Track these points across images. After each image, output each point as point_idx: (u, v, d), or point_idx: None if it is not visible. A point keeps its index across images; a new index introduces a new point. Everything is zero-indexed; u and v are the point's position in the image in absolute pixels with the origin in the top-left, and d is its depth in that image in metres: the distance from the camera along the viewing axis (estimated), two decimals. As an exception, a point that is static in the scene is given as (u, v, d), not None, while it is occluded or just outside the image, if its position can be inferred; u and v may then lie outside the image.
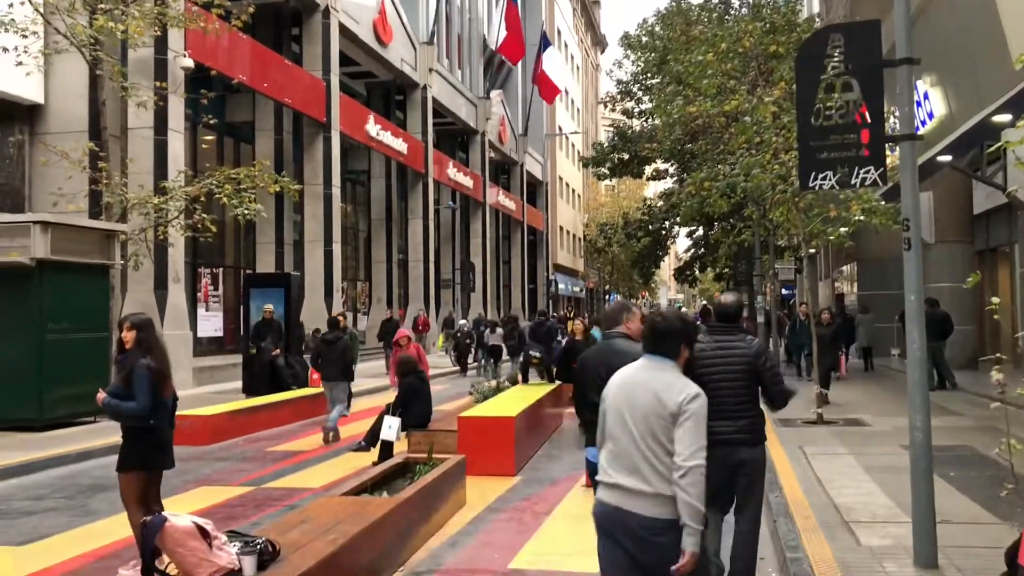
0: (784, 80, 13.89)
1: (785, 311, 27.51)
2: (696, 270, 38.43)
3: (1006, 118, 9.88)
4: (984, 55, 10.45)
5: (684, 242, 49.94)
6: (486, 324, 23.63)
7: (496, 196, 42.76)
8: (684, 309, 59.73)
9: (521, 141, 47.44)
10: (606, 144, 33.65)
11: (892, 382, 16.92)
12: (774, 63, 14.89)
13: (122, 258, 14.30)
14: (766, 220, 19.38)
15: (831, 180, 6.13)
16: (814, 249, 27.32)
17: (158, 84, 15.65)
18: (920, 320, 5.63)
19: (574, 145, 64.67)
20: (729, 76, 14.68)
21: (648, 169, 32.90)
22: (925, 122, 13.16)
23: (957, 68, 11.79)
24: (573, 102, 64.76)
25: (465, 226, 40.51)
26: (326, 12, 23.52)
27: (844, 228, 13.67)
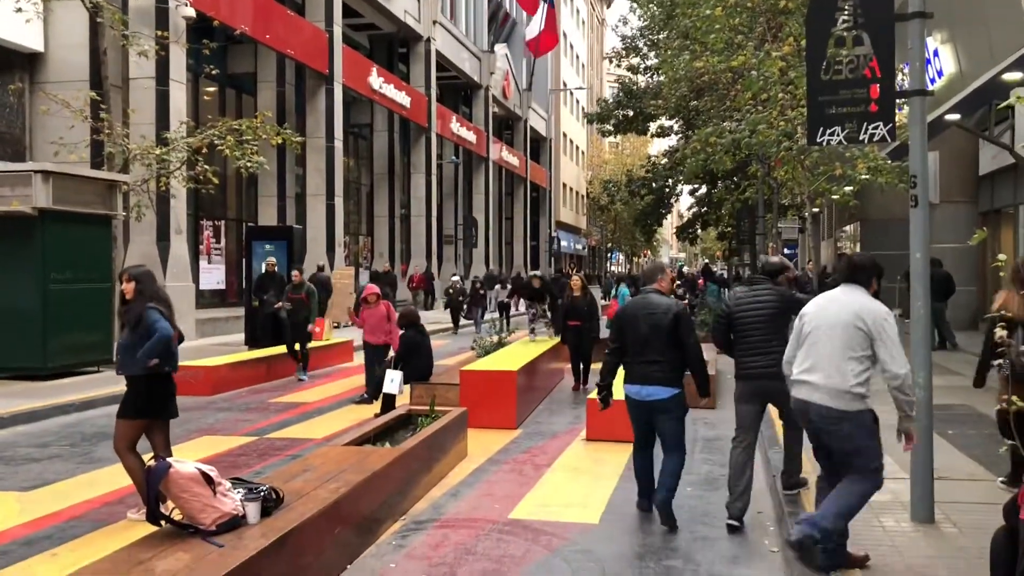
0: (793, 36, 13.73)
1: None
2: (698, 228, 38.29)
3: (1017, 76, 9.77)
4: (997, 11, 10.29)
5: (687, 200, 49.73)
6: (498, 280, 23.72)
7: (499, 152, 42.50)
8: (686, 268, 59.68)
9: (525, 96, 47.01)
10: (611, 100, 33.33)
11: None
12: (783, 18, 14.68)
13: (124, 209, 14.26)
14: (770, 178, 19.29)
15: (839, 135, 6.07)
16: (818, 208, 27.23)
17: (159, 33, 15.47)
18: (925, 278, 5.62)
19: (579, 101, 64.13)
20: (737, 31, 14.50)
21: (653, 126, 32.62)
22: (934, 79, 13.01)
23: (969, 25, 11.62)
24: (578, 57, 64.06)
25: (468, 182, 40.32)
26: (328, -39, 23.18)
27: (849, 187, 13.60)
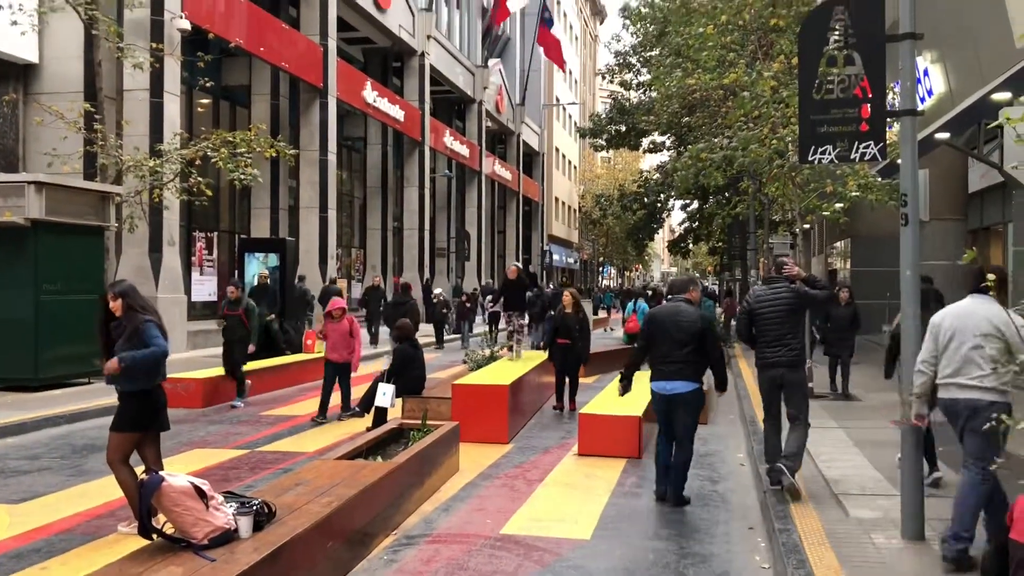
0: (784, 54, 13.83)
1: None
2: (690, 243, 38.43)
3: (1006, 96, 9.87)
4: (986, 32, 10.41)
5: (678, 215, 49.94)
6: (490, 291, 23.64)
7: (492, 166, 42.61)
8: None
9: (518, 111, 47.19)
10: (603, 116, 33.49)
11: (883, 358, 16.98)
12: (774, 36, 14.80)
13: (117, 220, 14.25)
14: (761, 194, 19.38)
15: (831, 154, 6.14)
16: (808, 224, 27.35)
17: (154, 46, 15.50)
18: (915, 296, 5.67)
19: (571, 116, 64.37)
20: (728, 49, 14.60)
21: (645, 141, 32.80)
22: (924, 99, 13.13)
23: (958, 45, 11.74)
24: (571, 73, 64.35)
25: (461, 195, 40.39)
26: (324, -25, 23.29)
27: (839, 204, 13.67)
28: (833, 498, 6.54)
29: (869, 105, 6.01)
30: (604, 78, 33.95)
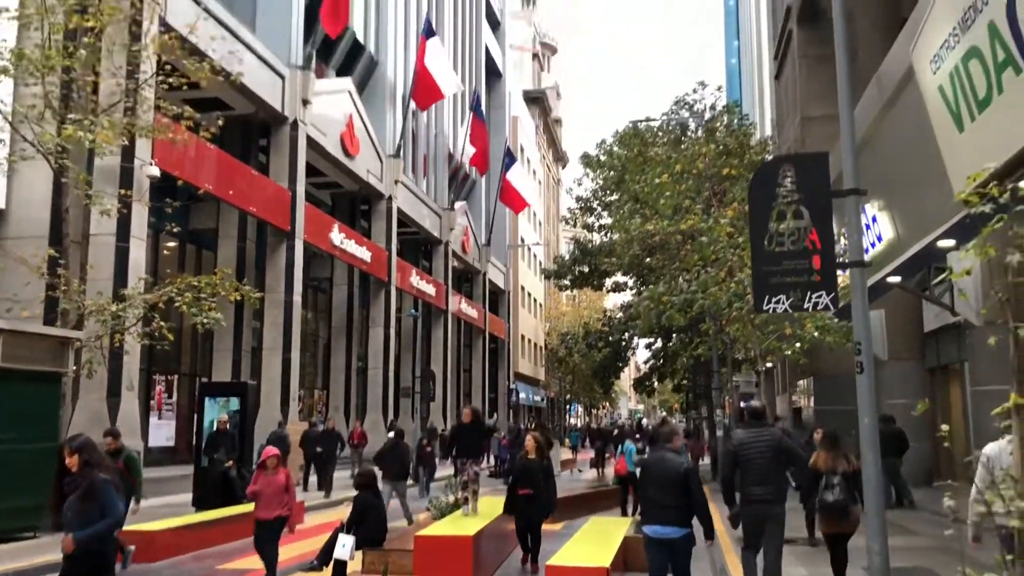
0: (737, 201, 14.40)
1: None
2: (655, 381, 38.54)
3: (950, 243, 10.26)
4: (928, 183, 10.93)
5: (644, 353, 50.26)
6: (435, 435, 23.15)
7: (458, 304, 42.95)
8: (644, 420, 59.55)
9: (484, 251, 48.03)
10: (567, 257, 34.20)
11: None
12: (727, 184, 15.44)
13: (76, 365, 14.04)
14: (723, 334, 19.68)
15: (784, 304, 6.30)
16: (771, 363, 27.63)
17: (123, 192, 15.72)
18: (875, 443, 5.72)
19: (536, 256, 65.57)
20: (684, 196, 15.16)
21: (608, 282, 33.39)
22: (874, 244, 13.60)
23: (902, 195, 12.29)
24: (535, 215, 66.01)
25: (426, 334, 40.47)
26: (294, 125, 24.02)
27: (798, 344, 13.92)
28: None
29: (819, 256, 6.23)
30: (567, 223, 34.87)
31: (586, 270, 32.60)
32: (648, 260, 23.97)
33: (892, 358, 19.51)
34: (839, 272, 6.44)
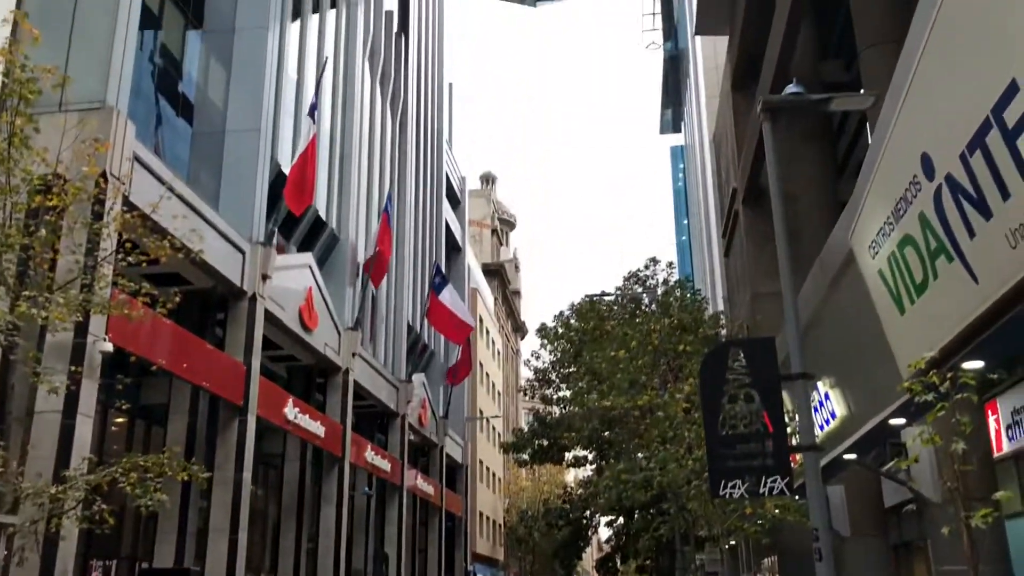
0: (693, 376, 14.55)
1: None
2: (618, 561, 37.48)
3: (901, 421, 10.39)
4: (876, 361, 11.18)
5: (606, 532, 49.09)
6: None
7: (414, 479, 41.92)
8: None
9: (442, 423, 47.42)
10: (526, 430, 33.97)
11: None
12: (683, 360, 15.66)
13: (6, 551, 13.28)
14: (685, 512, 19.36)
15: (740, 488, 6.27)
16: (734, 541, 27.10)
17: (73, 368, 15.43)
18: (838, 637, 5.55)
19: (495, 428, 64.93)
20: (640, 372, 15.31)
21: (568, 455, 33.07)
22: (828, 421, 13.74)
23: (853, 373, 12.54)
24: (494, 386, 65.91)
25: (380, 512, 39.19)
26: (253, 299, 24.09)
27: (760, 522, 13.73)
28: None
29: (772, 440, 6.26)
30: (525, 394, 34.87)
31: (545, 443, 32.33)
32: (607, 434, 23.89)
33: (855, 534, 19.25)
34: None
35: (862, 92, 13.15)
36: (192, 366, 20.85)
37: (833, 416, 13.97)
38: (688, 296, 26.20)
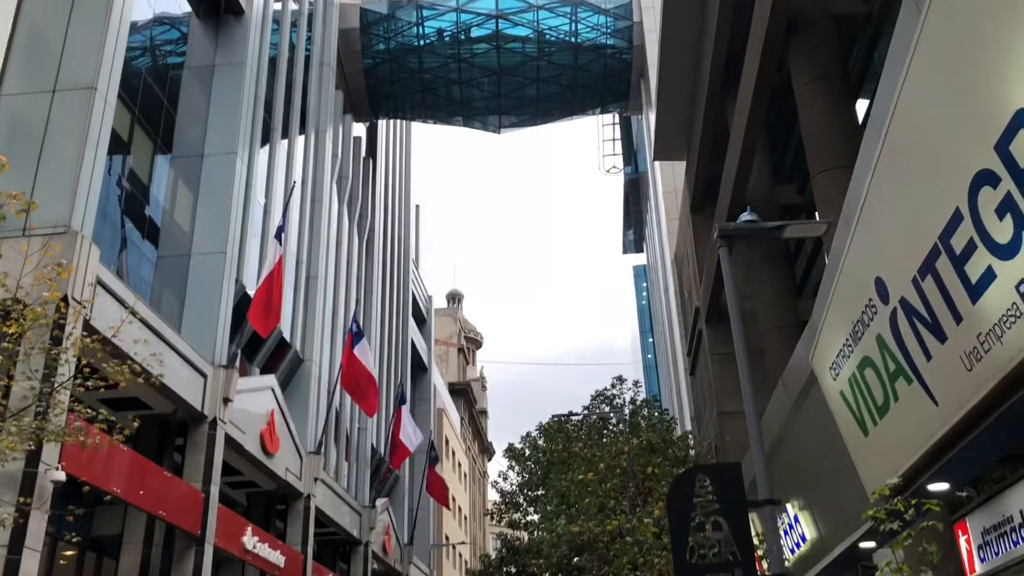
0: (663, 499, 14.34)
1: None
2: None
3: (871, 544, 10.27)
4: (843, 483, 11.12)
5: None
6: None
7: (378, 611, 40.34)
8: None
9: (407, 550, 46.01)
10: (494, 557, 33.00)
11: None
12: (651, 483, 15.47)
13: None
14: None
15: (712, 621, 6.09)
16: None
17: (21, 499, 14.87)
18: None
19: (461, 555, 63.08)
20: (609, 496, 15.08)
21: (537, 583, 32.07)
22: (799, 544, 13.52)
23: (820, 495, 12.44)
24: (460, 509, 64.39)
25: (343, 646, 37.49)
26: (213, 424, 23.59)
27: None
28: None
29: (742, 570, 6.14)
30: (493, 518, 34.08)
31: (514, 571, 31.38)
32: (576, 560, 23.26)
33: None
34: None
35: (816, 219, 13.59)
36: (148, 494, 20.17)
37: (803, 539, 13.76)
38: (655, 415, 26.11)
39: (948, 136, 6.46)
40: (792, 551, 13.43)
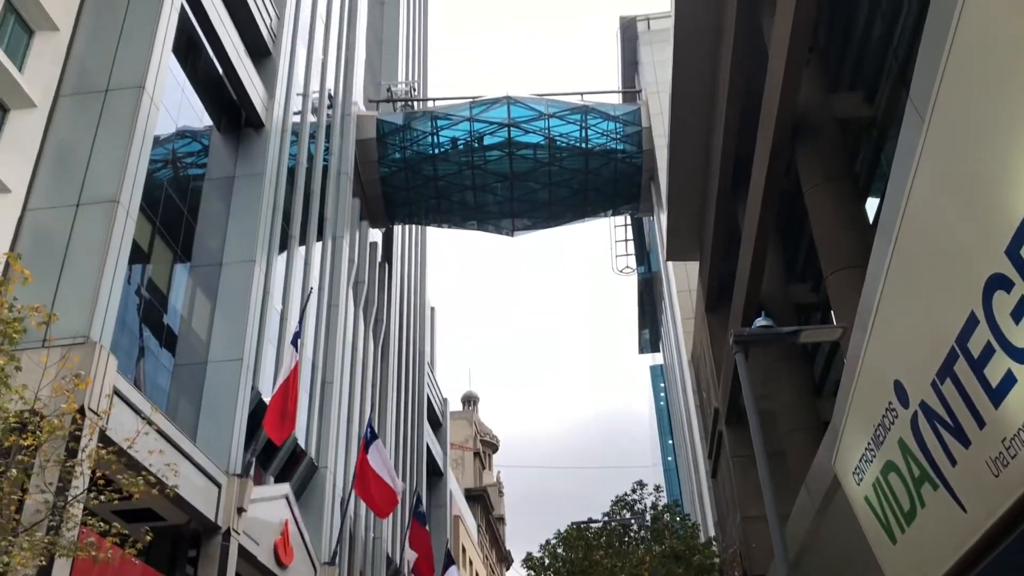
0: (687, 611, 13.87)
1: None
2: None
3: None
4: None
5: None
6: None
7: None
8: None
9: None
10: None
11: None
12: (676, 593, 15.00)
13: None
14: None
15: None
16: None
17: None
18: None
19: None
20: (632, 607, 14.60)
21: None
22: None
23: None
24: (479, 620, 62.44)
25: None
26: (226, 535, 23.20)
27: None
28: None
29: None
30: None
31: None
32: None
33: None
34: None
35: (832, 321, 13.56)
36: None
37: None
38: (677, 520, 25.50)
39: (959, 241, 6.50)
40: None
